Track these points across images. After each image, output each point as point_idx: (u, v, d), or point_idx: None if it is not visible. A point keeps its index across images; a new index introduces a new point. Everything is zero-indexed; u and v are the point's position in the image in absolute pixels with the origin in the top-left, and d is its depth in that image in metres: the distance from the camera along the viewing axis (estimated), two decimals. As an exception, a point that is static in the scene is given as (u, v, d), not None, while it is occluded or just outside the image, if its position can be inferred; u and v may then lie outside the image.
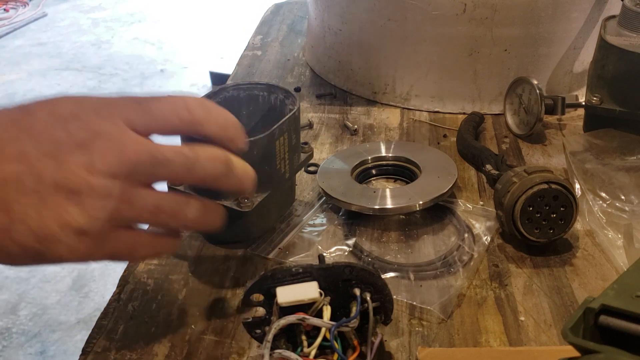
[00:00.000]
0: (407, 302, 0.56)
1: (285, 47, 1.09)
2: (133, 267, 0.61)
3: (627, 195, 0.65)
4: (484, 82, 0.85)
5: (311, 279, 0.45)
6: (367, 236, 0.64)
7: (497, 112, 0.86)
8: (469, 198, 0.69)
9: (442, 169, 0.69)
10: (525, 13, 0.80)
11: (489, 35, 0.82)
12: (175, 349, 0.52)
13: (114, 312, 0.55)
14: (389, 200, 0.64)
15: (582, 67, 0.88)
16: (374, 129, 0.84)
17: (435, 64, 0.85)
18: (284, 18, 1.21)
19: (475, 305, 0.56)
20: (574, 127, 0.83)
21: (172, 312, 0.55)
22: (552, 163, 0.75)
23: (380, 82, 0.90)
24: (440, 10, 0.81)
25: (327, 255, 0.61)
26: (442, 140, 0.81)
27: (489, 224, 0.64)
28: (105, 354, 0.51)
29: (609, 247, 0.61)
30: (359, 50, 0.90)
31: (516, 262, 0.60)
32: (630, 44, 0.72)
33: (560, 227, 0.59)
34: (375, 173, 0.73)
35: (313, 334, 0.45)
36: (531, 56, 0.84)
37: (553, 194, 0.58)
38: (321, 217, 0.66)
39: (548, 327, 0.53)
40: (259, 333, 0.49)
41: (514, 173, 0.61)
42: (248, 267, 0.60)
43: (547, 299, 0.56)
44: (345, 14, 0.89)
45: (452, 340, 0.52)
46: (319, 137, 0.82)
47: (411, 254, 0.62)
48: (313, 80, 0.97)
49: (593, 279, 0.59)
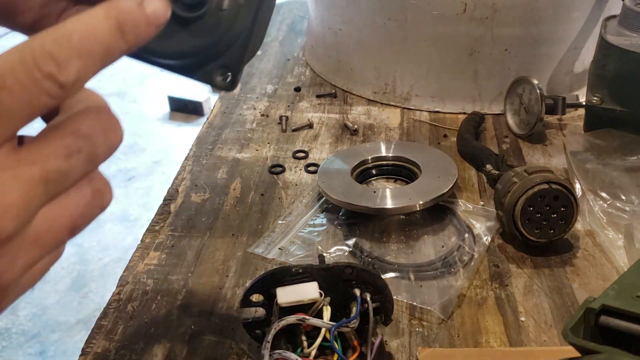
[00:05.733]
0: (407, 303, 0.56)
1: (285, 47, 1.09)
2: (133, 267, 0.60)
3: (628, 195, 0.65)
4: (484, 82, 0.85)
5: (311, 279, 0.45)
6: (367, 236, 0.64)
7: (497, 112, 0.86)
8: (469, 198, 0.69)
9: (442, 169, 0.68)
10: (525, 13, 0.80)
11: (489, 35, 0.81)
12: (175, 349, 0.52)
13: (113, 312, 0.55)
14: (389, 200, 0.64)
15: (583, 67, 0.88)
16: (374, 129, 0.84)
17: (436, 64, 0.85)
18: (284, 18, 1.21)
19: (475, 305, 0.56)
20: (575, 127, 0.83)
21: (172, 312, 0.55)
22: (552, 163, 0.75)
23: (380, 82, 0.90)
24: (441, 10, 0.81)
25: (327, 255, 0.61)
26: (442, 140, 0.81)
27: (490, 224, 0.64)
28: (105, 354, 0.51)
29: (610, 247, 0.61)
30: (359, 50, 0.90)
31: (516, 263, 0.60)
32: (630, 44, 0.72)
33: (560, 227, 0.59)
34: (375, 173, 0.73)
35: (313, 334, 0.45)
36: (531, 56, 0.84)
37: (554, 194, 0.58)
38: (321, 217, 0.66)
39: (548, 327, 0.53)
40: (258, 333, 0.49)
41: (514, 173, 0.61)
42: (248, 267, 0.60)
43: (548, 299, 0.56)
44: (345, 14, 0.89)
45: (452, 340, 0.52)
46: (319, 137, 0.82)
47: (411, 254, 0.62)
48: (313, 80, 0.97)
49: (593, 279, 0.58)
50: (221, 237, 0.64)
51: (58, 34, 0.26)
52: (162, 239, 0.64)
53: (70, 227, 0.29)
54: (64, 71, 0.26)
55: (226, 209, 0.68)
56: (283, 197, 0.70)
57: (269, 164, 0.76)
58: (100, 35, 0.27)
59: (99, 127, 0.29)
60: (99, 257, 1.99)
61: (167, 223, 0.66)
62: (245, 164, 0.76)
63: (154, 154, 2.53)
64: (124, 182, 2.37)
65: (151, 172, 2.43)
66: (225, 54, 0.34)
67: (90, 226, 0.31)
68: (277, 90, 0.94)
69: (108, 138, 0.29)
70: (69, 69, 0.26)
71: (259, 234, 0.64)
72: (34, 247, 0.28)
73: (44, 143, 0.27)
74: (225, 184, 0.73)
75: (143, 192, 2.32)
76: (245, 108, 0.89)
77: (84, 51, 0.27)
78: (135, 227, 2.11)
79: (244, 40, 0.34)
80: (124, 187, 2.34)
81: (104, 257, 1.99)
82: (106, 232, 2.07)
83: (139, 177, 2.41)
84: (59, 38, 0.26)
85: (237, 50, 0.34)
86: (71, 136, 0.28)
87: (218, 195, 0.71)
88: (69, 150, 0.28)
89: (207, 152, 0.79)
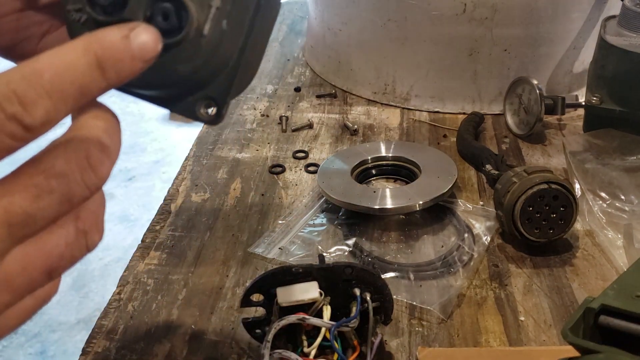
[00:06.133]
0: (407, 302, 0.56)
1: (285, 47, 1.09)
2: (133, 266, 0.61)
3: (627, 195, 0.65)
4: (484, 82, 0.85)
5: (311, 279, 0.46)
6: (367, 236, 0.64)
7: (497, 112, 0.86)
8: (469, 198, 0.69)
9: (442, 169, 0.69)
10: (525, 13, 0.80)
11: (489, 35, 0.82)
12: (175, 349, 0.52)
13: (114, 312, 0.55)
14: (389, 200, 0.64)
15: (582, 67, 0.88)
16: (374, 129, 0.84)
17: (435, 64, 0.85)
18: (284, 18, 1.21)
19: (475, 305, 0.56)
20: (574, 127, 0.83)
21: (172, 312, 0.55)
22: (552, 163, 0.75)
23: (380, 82, 0.90)
24: (440, 10, 0.81)
25: (327, 255, 0.61)
26: (442, 140, 0.81)
27: (489, 224, 0.64)
28: (105, 354, 0.51)
29: (609, 247, 0.61)
30: (359, 50, 0.90)
31: (516, 262, 0.60)
32: (630, 44, 0.72)
33: (560, 227, 0.59)
34: (375, 173, 0.73)
35: (313, 333, 0.45)
36: (531, 56, 0.84)
37: (553, 194, 0.58)
38: (321, 217, 0.66)
39: (548, 327, 0.53)
40: (259, 333, 0.49)
41: (514, 173, 0.61)
42: (248, 267, 0.60)
43: (547, 299, 0.56)
44: (345, 14, 0.89)
45: (452, 340, 0.52)
46: (319, 137, 0.82)
47: (411, 254, 0.62)
48: (313, 80, 0.97)
49: (593, 279, 0.59)
50: (221, 237, 0.64)
51: (28, 70, 0.24)
52: (163, 238, 0.64)
53: (47, 270, 0.27)
54: (29, 112, 0.24)
55: (226, 209, 0.68)
56: (283, 197, 0.70)
57: (269, 164, 0.76)
58: (76, 73, 0.25)
59: (75, 165, 0.26)
60: (100, 256, 1.99)
61: (168, 223, 0.66)
62: (245, 164, 0.76)
63: (154, 154, 2.53)
64: (124, 182, 2.37)
65: (151, 172, 2.43)
66: (210, 85, 0.30)
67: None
68: (277, 91, 0.94)
69: (86, 177, 0.26)
70: (35, 110, 0.24)
71: (259, 234, 0.64)
72: (5, 291, 0.26)
73: (12, 182, 0.25)
74: (225, 184, 0.73)
75: (143, 192, 2.32)
76: (246, 108, 0.89)
77: (55, 90, 0.24)
78: (135, 227, 2.11)
79: (230, 70, 0.30)
80: (124, 187, 2.34)
81: (104, 257, 1.99)
82: (106, 232, 2.05)
83: (139, 177, 2.41)
84: (29, 75, 0.24)
85: (224, 81, 0.30)
86: (42, 175, 0.25)
87: (218, 195, 0.71)
88: (39, 191, 0.25)
89: (208, 152, 0.79)
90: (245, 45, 0.30)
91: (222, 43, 0.29)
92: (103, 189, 0.28)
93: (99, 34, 0.26)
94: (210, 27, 0.28)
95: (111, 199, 2.21)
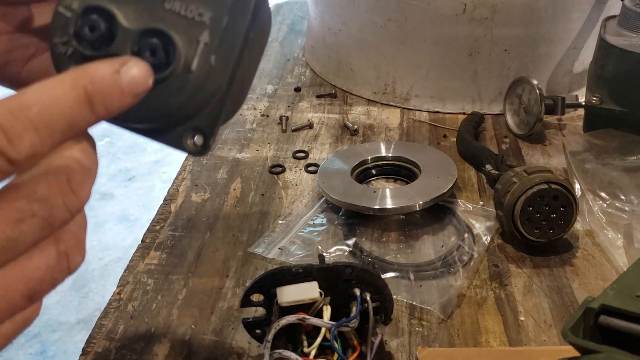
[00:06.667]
0: (407, 302, 0.56)
1: (285, 47, 1.09)
2: (133, 266, 0.61)
3: (627, 195, 0.65)
4: (484, 82, 0.85)
5: (311, 279, 0.46)
6: (367, 236, 0.64)
7: (497, 112, 0.86)
8: (469, 198, 0.69)
9: (442, 169, 0.69)
10: (525, 13, 0.80)
11: (489, 35, 0.82)
12: (175, 349, 0.52)
13: (114, 312, 0.55)
14: (389, 200, 0.64)
15: (582, 67, 0.88)
16: (374, 129, 0.84)
17: (435, 64, 0.85)
18: (284, 18, 1.21)
19: (475, 305, 0.56)
20: (574, 127, 0.83)
21: (172, 312, 0.55)
22: (552, 163, 0.75)
23: (380, 82, 0.90)
24: (440, 10, 0.81)
25: (327, 255, 0.61)
26: (442, 140, 0.81)
27: (489, 224, 0.64)
28: (105, 354, 0.51)
29: (609, 247, 0.61)
30: (359, 51, 0.90)
31: (516, 262, 0.60)
32: (630, 44, 0.72)
33: (560, 227, 0.59)
34: (375, 173, 0.73)
35: (313, 333, 0.45)
36: (531, 56, 0.84)
37: (553, 194, 0.58)
38: (321, 217, 0.66)
39: (548, 327, 0.53)
40: (259, 333, 0.49)
41: (514, 173, 0.61)
42: (248, 267, 0.60)
43: (547, 299, 0.56)
44: (345, 14, 0.89)
45: (452, 340, 0.52)
46: (319, 137, 0.82)
47: (411, 254, 0.62)
48: (313, 80, 0.97)
49: (593, 279, 0.59)
50: (221, 237, 0.64)
51: (15, 104, 0.24)
52: (163, 238, 0.64)
53: (28, 294, 0.26)
54: (15, 146, 0.24)
55: (226, 209, 0.68)
56: (283, 197, 0.70)
57: (269, 164, 0.76)
58: (63, 108, 0.25)
59: (56, 189, 0.26)
60: (100, 256, 1.99)
61: (168, 223, 0.66)
62: (245, 164, 0.76)
63: (154, 154, 2.53)
64: (124, 182, 2.37)
65: (151, 172, 2.43)
66: (198, 116, 0.30)
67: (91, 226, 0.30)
68: (277, 91, 0.94)
69: (68, 200, 0.26)
70: (21, 143, 0.24)
71: (259, 234, 0.64)
72: None
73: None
74: (225, 184, 0.73)
75: (143, 192, 2.32)
76: (246, 108, 0.89)
77: (42, 125, 0.24)
78: (135, 227, 2.11)
79: (218, 101, 0.30)
80: (124, 187, 2.34)
81: (104, 257, 1.99)
82: (106, 232, 2.07)
83: (139, 177, 2.41)
84: (15, 109, 0.24)
85: (211, 112, 0.30)
86: (24, 199, 0.25)
87: (218, 195, 0.71)
88: (21, 215, 0.25)
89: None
90: (233, 77, 0.30)
91: (210, 77, 0.29)
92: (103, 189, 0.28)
93: (88, 68, 0.26)
94: (199, 63, 0.28)
95: (111, 199, 2.21)
